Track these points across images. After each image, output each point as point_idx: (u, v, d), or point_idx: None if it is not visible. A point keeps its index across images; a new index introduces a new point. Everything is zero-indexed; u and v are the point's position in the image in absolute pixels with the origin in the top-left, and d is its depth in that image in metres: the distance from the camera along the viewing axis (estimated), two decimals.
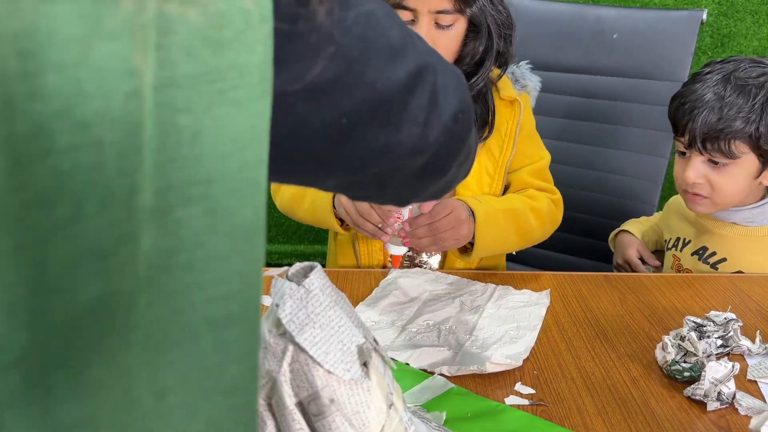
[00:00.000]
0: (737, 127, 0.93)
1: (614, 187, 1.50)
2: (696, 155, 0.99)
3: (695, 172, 0.99)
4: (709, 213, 1.05)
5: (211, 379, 0.25)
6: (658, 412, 0.67)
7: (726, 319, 0.79)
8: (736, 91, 0.94)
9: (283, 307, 0.44)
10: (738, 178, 0.98)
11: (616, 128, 1.52)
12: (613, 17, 1.51)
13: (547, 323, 0.85)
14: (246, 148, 0.23)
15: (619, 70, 1.51)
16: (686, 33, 1.43)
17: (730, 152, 0.95)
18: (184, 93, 0.22)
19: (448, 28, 0.96)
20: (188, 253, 0.23)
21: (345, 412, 0.44)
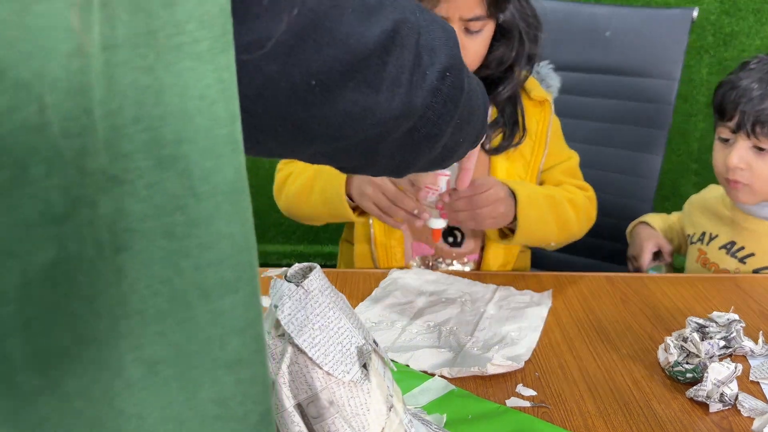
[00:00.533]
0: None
1: (609, 185, 1.50)
2: (742, 140, 1.00)
3: (739, 156, 1.00)
4: (750, 202, 1.06)
5: (210, 352, 0.24)
6: (660, 414, 0.66)
7: (729, 320, 0.79)
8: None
9: (281, 309, 0.44)
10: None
11: (609, 126, 1.53)
12: (607, 15, 1.52)
13: (549, 324, 0.84)
14: (215, 103, 0.22)
15: (612, 67, 1.52)
16: (678, 31, 1.44)
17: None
18: (138, 51, 0.21)
19: (477, 33, 0.95)
20: (166, 218, 0.22)
21: (344, 414, 0.44)
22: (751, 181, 1.01)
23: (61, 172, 0.20)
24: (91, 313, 0.21)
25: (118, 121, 0.21)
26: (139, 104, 0.21)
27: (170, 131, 0.21)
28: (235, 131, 0.23)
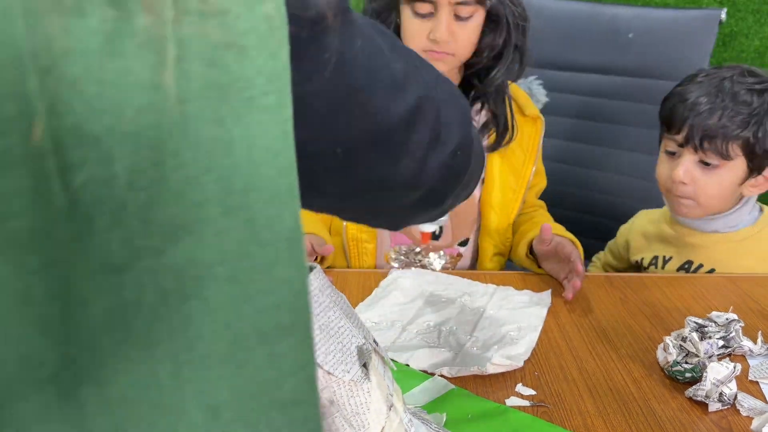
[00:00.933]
0: (737, 129, 0.94)
1: (627, 188, 1.48)
2: (688, 154, 0.98)
3: (685, 170, 0.98)
4: (693, 216, 1.04)
5: (267, 393, 0.24)
6: (659, 413, 0.67)
7: (727, 319, 0.79)
8: (736, 96, 0.95)
9: None
10: (725, 182, 0.98)
11: (629, 129, 1.50)
12: (629, 16, 1.49)
13: (548, 324, 0.84)
14: (280, 154, 0.23)
15: (634, 70, 1.49)
16: (703, 32, 1.41)
17: (726, 153, 0.95)
18: (211, 104, 0.22)
19: (467, 20, 0.97)
20: (231, 264, 0.23)
21: (345, 413, 0.44)
22: (695, 196, 0.99)
23: (123, 224, 0.21)
24: (152, 359, 0.22)
25: (191, 172, 0.21)
26: (210, 155, 0.22)
27: (239, 181, 0.22)
28: (294, 180, 0.24)
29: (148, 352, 0.22)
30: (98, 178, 0.20)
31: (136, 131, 0.20)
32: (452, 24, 0.97)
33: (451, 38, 0.97)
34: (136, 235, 0.21)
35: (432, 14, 0.97)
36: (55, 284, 0.20)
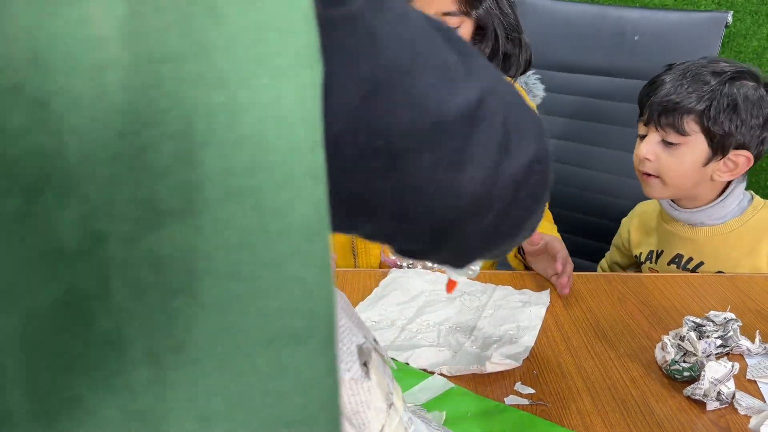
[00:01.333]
0: (690, 103, 0.98)
1: (632, 191, 1.46)
2: (652, 133, 1.02)
3: (648, 148, 1.02)
4: (662, 196, 1.07)
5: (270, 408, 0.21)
6: (657, 412, 0.67)
7: (725, 318, 0.79)
8: (695, 76, 1.00)
9: None
10: (686, 160, 1.00)
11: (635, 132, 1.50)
12: (635, 19, 1.49)
13: (547, 323, 0.85)
14: (296, 127, 0.19)
15: (640, 72, 1.48)
16: (710, 35, 1.41)
17: (682, 128, 0.99)
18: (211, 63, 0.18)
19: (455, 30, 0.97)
20: (232, 258, 0.19)
21: (345, 411, 0.44)
22: (660, 173, 1.03)
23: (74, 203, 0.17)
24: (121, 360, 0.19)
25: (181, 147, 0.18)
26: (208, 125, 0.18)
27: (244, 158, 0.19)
28: (317, 161, 0.20)
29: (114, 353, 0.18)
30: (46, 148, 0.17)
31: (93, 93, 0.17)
32: None
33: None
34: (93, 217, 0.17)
35: None
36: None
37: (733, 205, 1.05)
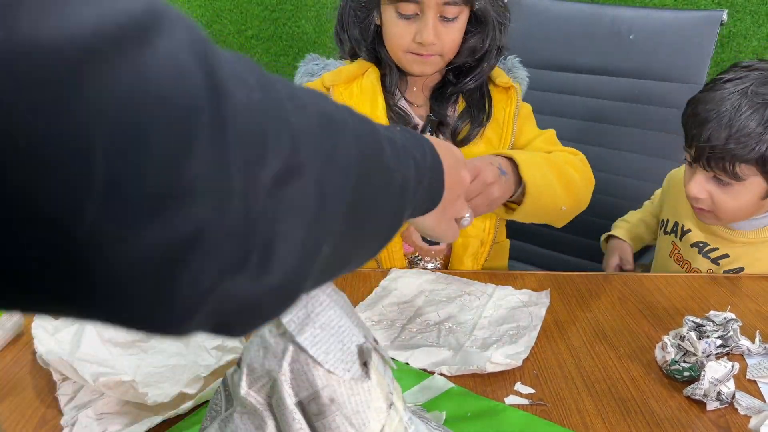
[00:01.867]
0: (743, 151, 0.89)
1: (628, 190, 1.48)
2: (700, 170, 0.96)
3: (699, 187, 0.97)
4: (717, 224, 1.03)
5: None
6: (657, 412, 0.67)
7: (725, 318, 0.79)
8: (750, 110, 0.90)
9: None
10: (742, 198, 0.95)
11: (631, 131, 1.50)
12: (630, 17, 1.49)
13: (547, 323, 0.85)
14: None
15: (635, 71, 1.49)
16: (705, 34, 1.40)
17: (735, 174, 0.92)
18: None
19: (453, 21, 0.96)
20: None
21: (345, 411, 0.44)
22: (713, 209, 0.98)
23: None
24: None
25: None
26: None
27: None
28: None
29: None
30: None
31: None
32: (438, 25, 0.95)
33: (437, 40, 0.96)
34: None
35: (417, 15, 0.95)
36: None
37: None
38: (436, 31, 0.95)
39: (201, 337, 0.72)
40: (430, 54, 0.97)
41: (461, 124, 1.05)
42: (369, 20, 1.01)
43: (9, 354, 0.75)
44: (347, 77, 1.03)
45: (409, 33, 0.96)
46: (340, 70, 1.04)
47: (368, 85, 1.03)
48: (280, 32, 2.06)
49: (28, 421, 0.64)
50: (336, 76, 1.03)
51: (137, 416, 0.63)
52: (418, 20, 0.95)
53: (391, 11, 0.97)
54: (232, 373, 0.48)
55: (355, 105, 1.01)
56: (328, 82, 1.03)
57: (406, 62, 1.00)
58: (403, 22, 0.96)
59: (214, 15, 2.05)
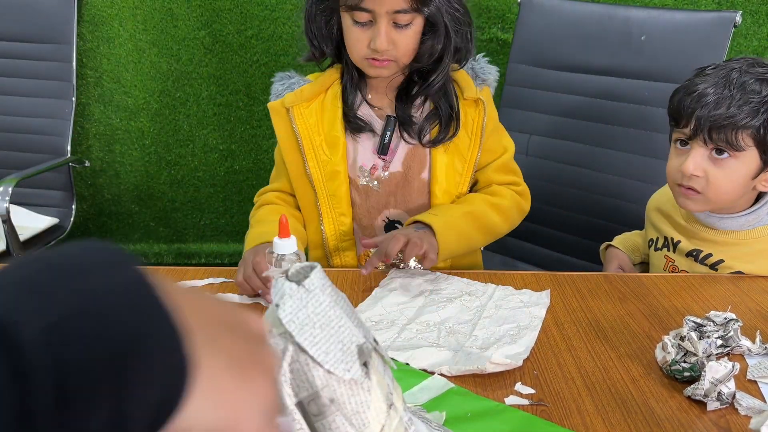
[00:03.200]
0: (745, 118, 0.92)
1: (636, 193, 1.46)
2: (698, 146, 0.97)
3: (695, 163, 0.97)
4: (700, 210, 1.03)
5: None
6: (658, 412, 0.67)
7: (726, 319, 0.79)
8: (744, 85, 0.94)
9: (283, 307, 0.44)
10: (737, 174, 0.96)
11: (640, 133, 1.48)
12: (642, 18, 1.47)
13: (547, 323, 0.85)
14: None
15: (646, 73, 1.47)
16: (717, 35, 1.39)
17: (737, 143, 0.93)
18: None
19: (406, 27, 0.99)
20: None
21: (345, 411, 0.44)
22: (706, 190, 0.98)
23: None
24: None
25: None
26: None
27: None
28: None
29: None
30: None
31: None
32: (391, 32, 0.99)
33: (391, 46, 0.99)
34: None
35: (371, 22, 0.99)
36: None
37: (764, 214, 1.02)
38: (390, 38, 0.99)
39: None
40: (386, 59, 1.01)
41: (428, 126, 1.08)
42: (332, 23, 1.05)
43: None
44: (308, 96, 1.08)
45: (365, 39, 1.00)
46: (303, 90, 1.08)
47: (329, 102, 1.09)
48: (280, 32, 2.06)
49: None
50: (296, 97, 1.08)
51: None
52: (372, 27, 0.99)
53: (348, 19, 1.01)
54: None
55: (316, 122, 1.08)
56: (287, 103, 1.08)
57: (364, 67, 1.05)
58: (359, 29, 1.00)
59: (214, 15, 2.04)
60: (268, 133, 2.20)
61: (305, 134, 1.07)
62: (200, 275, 0.96)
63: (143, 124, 2.19)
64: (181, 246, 2.40)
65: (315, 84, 1.09)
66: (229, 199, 2.31)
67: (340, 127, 1.08)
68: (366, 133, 1.10)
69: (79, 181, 2.24)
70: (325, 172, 1.08)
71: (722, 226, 1.03)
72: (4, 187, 1.64)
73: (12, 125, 1.96)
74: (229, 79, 2.13)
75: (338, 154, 1.08)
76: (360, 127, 1.09)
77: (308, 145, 1.07)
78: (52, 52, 1.93)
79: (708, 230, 1.05)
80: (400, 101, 1.09)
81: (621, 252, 1.23)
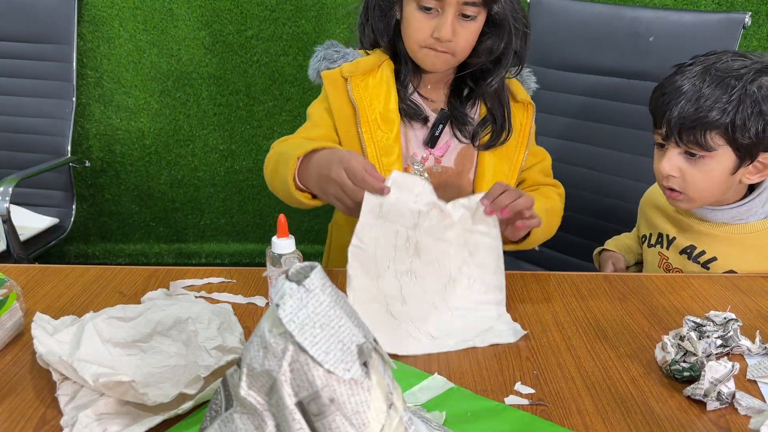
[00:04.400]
0: (713, 117, 0.92)
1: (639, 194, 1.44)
2: (672, 147, 0.98)
3: (671, 164, 0.98)
4: (689, 209, 1.04)
5: None
6: (657, 412, 0.67)
7: (725, 318, 0.79)
8: (714, 83, 0.93)
9: (283, 307, 0.44)
10: (713, 173, 0.96)
11: (647, 134, 1.44)
12: (650, 19, 1.47)
13: (547, 323, 0.85)
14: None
15: (654, 74, 1.43)
16: (726, 37, 1.37)
17: (706, 144, 0.94)
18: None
19: (470, 20, 0.98)
20: None
21: (345, 411, 0.44)
22: (685, 189, 0.99)
23: None
24: None
25: None
26: None
27: None
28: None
29: None
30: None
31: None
32: (456, 22, 0.98)
33: (453, 37, 0.98)
34: None
35: (437, 10, 0.98)
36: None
37: (757, 207, 1.02)
38: (453, 27, 0.97)
39: (201, 337, 0.73)
40: (444, 51, 1.00)
41: (481, 131, 1.08)
42: (391, 13, 1.04)
43: (9, 354, 0.75)
44: (364, 69, 1.05)
45: (428, 27, 0.99)
46: (358, 62, 1.06)
47: (383, 78, 1.06)
48: (280, 32, 2.06)
49: (28, 421, 0.64)
50: (354, 68, 1.05)
51: (137, 416, 0.63)
52: (437, 16, 0.98)
53: (413, 5, 0.99)
54: (231, 373, 0.48)
55: (370, 96, 1.04)
56: (346, 72, 1.05)
57: (421, 56, 1.03)
58: (423, 15, 0.99)
59: (214, 15, 2.04)
60: (269, 133, 2.20)
61: (363, 105, 1.04)
62: (200, 275, 0.96)
63: (143, 124, 2.19)
64: (181, 246, 2.40)
65: (370, 58, 1.07)
66: (229, 199, 2.31)
67: (395, 107, 1.05)
68: (418, 122, 1.08)
69: (79, 181, 2.25)
70: (379, 147, 1.04)
71: (714, 218, 1.04)
72: (4, 187, 1.64)
73: (12, 125, 1.96)
74: (229, 79, 2.13)
75: (394, 132, 1.04)
76: (414, 113, 1.07)
77: (365, 117, 1.04)
78: (53, 52, 1.93)
79: (701, 223, 1.06)
80: (455, 98, 1.09)
81: (615, 253, 1.23)
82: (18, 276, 0.94)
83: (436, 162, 1.08)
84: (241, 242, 2.40)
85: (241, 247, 2.40)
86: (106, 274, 0.96)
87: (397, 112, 1.05)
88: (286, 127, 2.17)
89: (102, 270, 0.97)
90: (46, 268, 0.98)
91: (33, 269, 0.98)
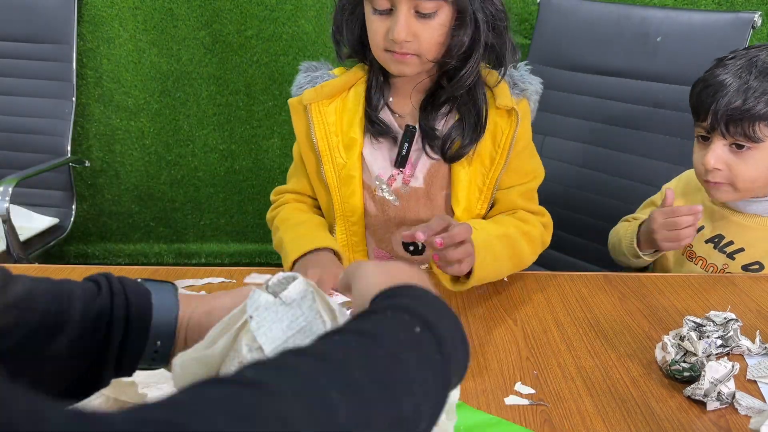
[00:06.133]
0: (761, 108, 0.93)
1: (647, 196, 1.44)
2: (718, 140, 0.98)
3: (716, 157, 0.98)
4: (732, 200, 1.03)
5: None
6: (657, 412, 0.67)
7: (726, 318, 0.79)
8: (761, 75, 0.94)
9: (256, 320, 0.43)
10: (760, 164, 0.97)
11: (655, 137, 1.47)
12: (660, 19, 1.46)
13: (547, 323, 0.85)
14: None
15: (662, 75, 1.45)
16: (735, 37, 1.37)
17: (754, 135, 0.94)
18: None
19: (430, 17, 0.89)
20: None
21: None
22: (732, 180, 0.99)
23: None
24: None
25: None
26: None
27: None
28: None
29: None
30: None
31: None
32: (413, 22, 0.89)
33: (412, 38, 0.90)
34: None
35: (391, 11, 0.90)
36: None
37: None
38: (411, 29, 0.89)
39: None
40: (406, 53, 0.91)
41: (452, 137, 0.97)
42: (356, 15, 0.97)
43: None
44: (329, 93, 1.01)
45: (384, 30, 0.91)
46: (323, 86, 1.01)
47: (352, 101, 1.01)
48: (280, 32, 2.06)
49: None
50: (316, 94, 1.00)
51: None
52: (392, 16, 0.90)
53: (368, 6, 0.93)
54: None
55: (334, 122, 1.00)
56: (306, 100, 1.00)
57: (385, 62, 0.95)
58: (378, 17, 0.91)
59: (214, 15, 2.04)
60: (268, 133, 2.20)
61: (321, 135, 1.00)
62: (200, 275, 0.96)
63: (143, 124, 2.19)
64: (181, 246, 2.40)
65: (338, 80, 1.01)
66: (229, 199, 2.31)
67: (358, 128, 1.00)
68: (387, 140, 1.01)
69: (79, 181, 2.25)
70: (340, 176, 1.01)
71: (749, 209, 1.04)
72: (4, 187, 1.64)
73: (12, 125, 1.96)
74: (229, 79, 2.13)
75: (353, 156, 1.00)
76: (382, 131, 1.00)
77: (324, 146, 1.00)
78: (53, 52, 1.93)
79: (734, 213, 1.06)
80: (425, 110, 0.99)
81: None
82: None
83: (404, 183, 1.02)
84: (241, 242, 2.40)
85: (241, 248, 2.40)
86: None
87: (360, 133, 1.00)
88: (285, 127, 2.17)
89: (102, 270, 0.97)
90: (46, 269, 0.98)
91: (33, 269, 0.98)
